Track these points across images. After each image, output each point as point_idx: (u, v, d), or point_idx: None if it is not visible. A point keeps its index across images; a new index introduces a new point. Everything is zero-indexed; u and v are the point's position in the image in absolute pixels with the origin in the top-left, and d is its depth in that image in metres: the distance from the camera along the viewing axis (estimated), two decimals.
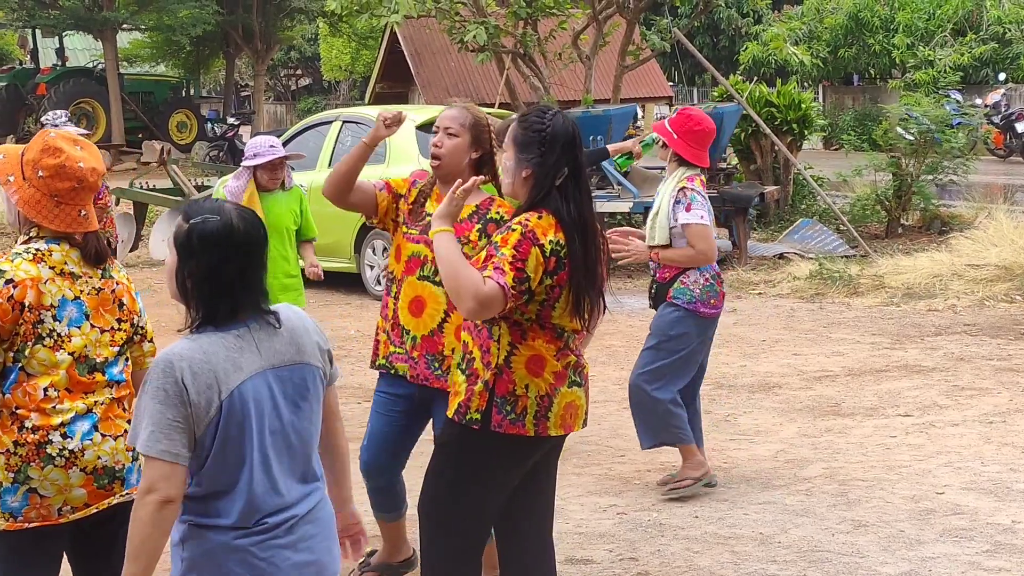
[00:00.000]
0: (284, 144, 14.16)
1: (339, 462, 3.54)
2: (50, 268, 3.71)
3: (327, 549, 3.36)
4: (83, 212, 3.77)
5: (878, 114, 23.93)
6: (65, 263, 3.74)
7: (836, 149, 26.16)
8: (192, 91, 37.01)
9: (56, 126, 9.53)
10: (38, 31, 34.83)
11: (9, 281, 3.63)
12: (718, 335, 10.89)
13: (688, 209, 6.48)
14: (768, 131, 16.11)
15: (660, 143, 6.73)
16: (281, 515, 3.23)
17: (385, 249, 12.89)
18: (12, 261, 3.68)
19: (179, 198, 15.77)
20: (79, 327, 3.74)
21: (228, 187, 7.65)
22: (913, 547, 5.94)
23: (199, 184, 17.01)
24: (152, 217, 17.39)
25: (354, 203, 5.21)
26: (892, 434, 7.87)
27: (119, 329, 3.85)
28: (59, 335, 3.70)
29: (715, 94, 18.61)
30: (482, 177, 4.62)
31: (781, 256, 14.65)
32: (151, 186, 16.83)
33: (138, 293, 3.99)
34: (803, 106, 17.19)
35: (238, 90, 42.58)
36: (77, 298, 3.75)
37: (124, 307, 3.87)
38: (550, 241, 4.08)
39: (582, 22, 17.85)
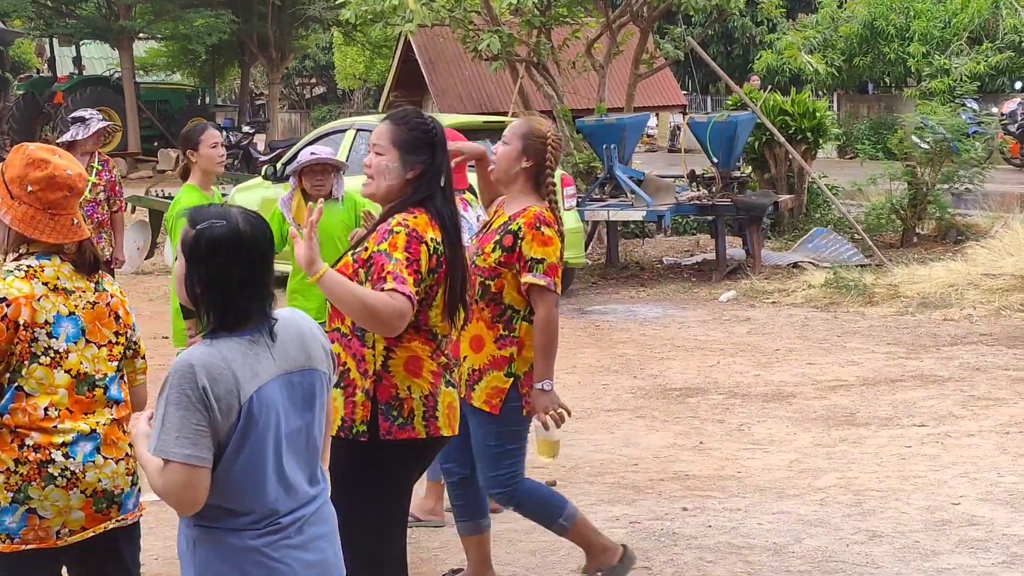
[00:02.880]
0: (298, 153, 14.21)
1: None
2: (43, 284, 3.65)
3: (333, 549, 3.40)
4: (75, 220, 3.73)
5: (893, 123, 23.87)
6: (57, 278, 3.68)
7: (851, 158, 26.10)
8: (207, 99, 37.09)
9: (86, 119, 9.56)
10: (55, 40, 34.99)
11: (2, 300, 3.58)
12: (731, 344, 10.93)
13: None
14: (782, 140, 16.08)
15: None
16: (292, 516, 3.26)
17: None
18: (4, 279, 3.62)
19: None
20: (75, 343, 3.68)
21: (280, 198, 7.47)
22: (928, 558, 5.91)
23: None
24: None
25: None
26: (907, 444, 7.83)
27: (116, 343, 3.79)
28: (56, 352, 3.64)
29: (729, 103, 18.58)
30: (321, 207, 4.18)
31: (795, 265, 14.61)
32: (167, 194, 16.86)
33: (132, 308, 3.94)
34: (818, 115, 17.15)
35: (253, 99, 42.68)
36: (72, 314, 3.68)
37: (120, 320, 3.82)
38: (431, 239, 4.11)
39: (596, 31, 17.83)
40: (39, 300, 3.63)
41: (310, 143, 14.09)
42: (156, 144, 31.77)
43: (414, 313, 4.06)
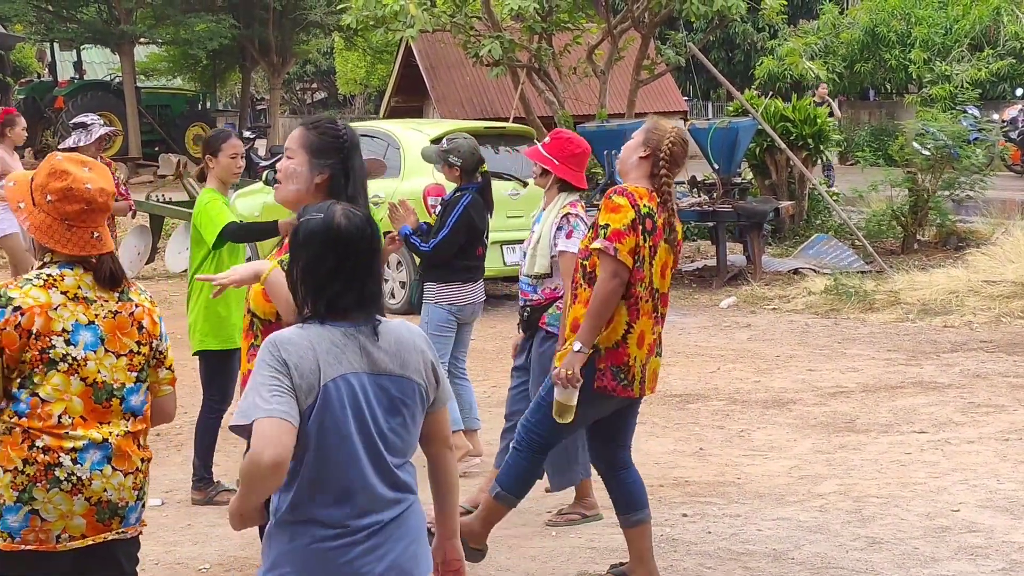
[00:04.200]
0: None
1: (447, 493, 3.51)
2: (62, 293, 3.65)
3: (412, 556, 3.34)
4: (96, 234, 3.72)
5: (894, 129, 23.87)
6: (78, 287, 3.69)
7: (852, 164, 26.11)
8: (208, 104, 37.11)
9: (88, 125, 9.56)
10: (56, 44, 35.03)
11: (16, 308, 3.59)
12: (732, 350, 10.93)
13: (569, 236, 6.31)
14: (783, 146, 16.08)
15: (536, 169, 6.55)
16: (367, 519, 3.25)
17: (399, 263, 12.89)
18: (21, 288, 3.64)
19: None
20: (94, 352, 3.68)
21: None
22: (928, 564, 5.91)
23: None
24: (168, 230, 17.43)
25: None
26: (907, 451, 7.83)
27: (138, 353, 3.78)
28: (74, 359, 3.65)
29: (730, 109, 18.59)
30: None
31: (796, 271, 14.61)
32: (167, 199, 16.86)
33: (161, 318, 3.91)
34: (818, 121, 17.16)
35: (254, 103, 42.68)
36: (92, 323, 3.69)
37: (144, 330, 3.80)
38: None
39: (597, 37, 17.87)
40: (56, 309, 3.64)
41: None
42: (157, 149, 31.80)
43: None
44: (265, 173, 14.88)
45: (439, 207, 7.63)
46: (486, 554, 5.70)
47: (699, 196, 15.24)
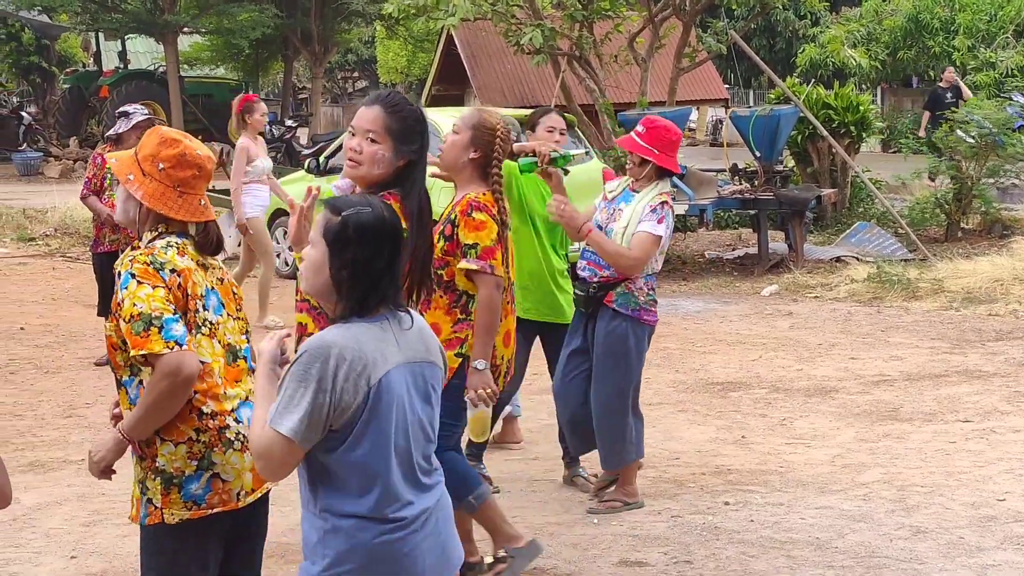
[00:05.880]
0: (340, 147, 14.25)
1: None
2: (190, 260, 3.77)
3: (452, 537, 3.43)
4: (202, 201, 3.86)
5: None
6: (197, 256, 3.82)
7: (894, 152, 25.94)
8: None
9: (130, 114, 9.69)
10: (101, 34, 35.19)
11: (173, 270, 3.68)
12: (774, 338, 10.89)
13: (659, 222, 6.30)
14: (825, 133, 16.00)
15: (634, 159, 6.47)
16: (416, 507, 3.29)
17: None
18: (165, 254, 3.71)
19: None
20: (220, 316, 3.82)
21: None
22: (973, 554, 5.88)
23: None
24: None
25: None
26: (951, 440, 7.79)
27: (239, 318, 3.93)
28: (211, 324, 3.76)
29: (771, 96, 18.50)
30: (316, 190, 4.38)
31: (838, 259, 14.54)
32: (211, 186, 16.95)
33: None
34: (861, 108, 17.06)
35: (296, 92, 42.82)
36: (213, 288, 3.82)
37: (236, 296, 3.96)
38: (403, 230, 4.11)
39: (638, 24, 17.79)
40: (195, 273, 3.75)
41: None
42: (200, 138, 31.78)
43: None
44: (307, 161, 14.93)
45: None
46: (530, 541, 5.64)
47: (741, 184, 15.19)
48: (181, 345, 3.60)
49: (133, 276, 3.64)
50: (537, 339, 7.01)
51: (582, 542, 6.15)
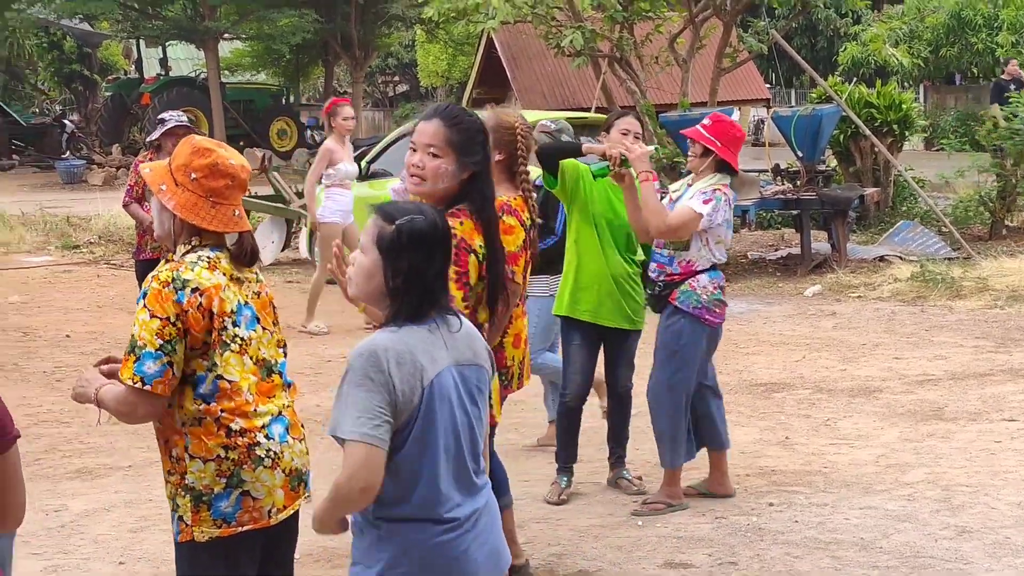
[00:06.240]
0: (381, 152, 14.31)
1: None
2: (222, 275, 3.74)
3: (501, 538, 3.45)
4: (237, 212, 3.81)
5: (981, 114, 23.52)
6: (232, 269, 3.79)
7: (937, 150, 25.76)
8: (292, 99, 37.44)
9: (165, 121, 9.77)
10: (142, 41, 35.50)
11: (195, 289, 3.65)
12: (817, 338, 10.85)
13: (705, 203, 6.33)
14: (868, 132, 15.92)
15: (696, 150, 6.49)
16: (467, 508, 3.31)
17: None
18: (192, 270, 3.69)
19: (280, 205, 15.99)
20: (254, 331, 3.78)
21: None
22: (1020, 554, 5.84)
23: (299, 191, 17.20)
24: (254, 223, 17.63)
25: None
26: (997, 439, 7.74)
27: (275, 331, 3.91)
28: (242, 340, 3.73)
29: (813, 95, 18.43)
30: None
31: (882, 259, 14.47)
32: (252, 193, 17.05)
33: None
34: (904, 107, 16.96)
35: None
36: (247, 303, 3.80)
37: (275, 309, 3.94)
38: (479, 246, 4.11)
39: (678, 25, 17.76)
40: (224, 290, 3.73)
41: (395, 140, 14.21)
42: (242, 144, 32.13)
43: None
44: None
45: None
46: (526, 562, 5.65)
47: (783, 184, 15.13)
48: (146, 384, 3.60)
49: (145, 296, 3.66)
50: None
51: (627, 544, 6.16)
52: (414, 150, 4.34)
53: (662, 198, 6.51)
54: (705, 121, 6.55)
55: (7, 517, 2.89)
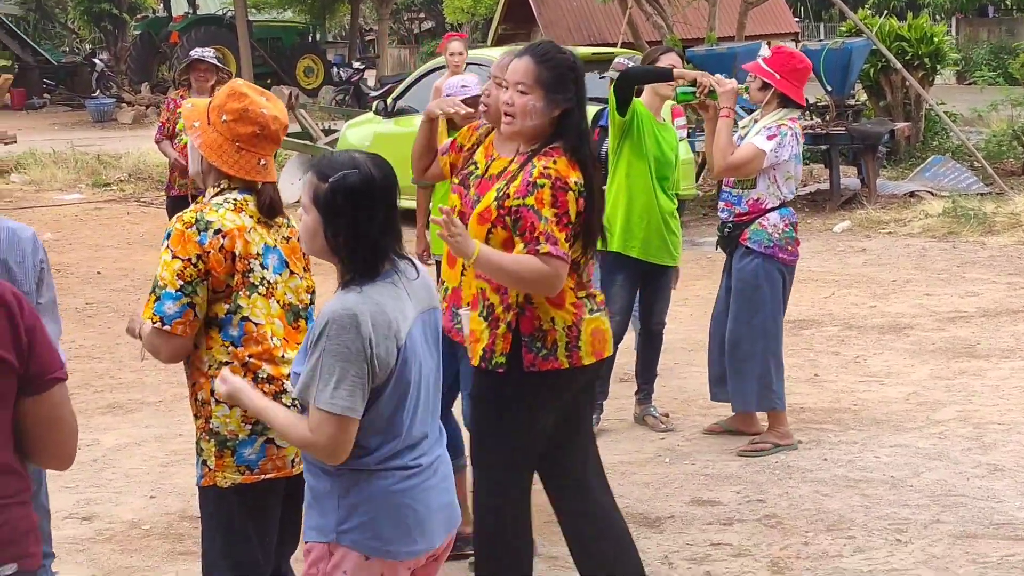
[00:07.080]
0: (407, 88, 14.25)
1: None
2: (250, 217, 3.71)
3: (454, 492, 3.42)
4: (262, 161, 3.76)
5: (1015, 46, 23.23)
6: (259, 213, 3.75)
7: (970, 84, 25.48)
8: (318, 36, 37.30)
9: (189, 57, 9.81)
10: None
11: (218, 231, 3.62)
12: (847, 275, 10.79)
13: (769, 139, 6.26)
14: (899, 66, 15.73)
15: (755, 84, 6.41)
16: (429, 456, 3.29)
17: None
18: (216, 211, 3.66)
19: (307, 142, 15.96)
20: (280, 275, 3.75)
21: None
22: None
23: (326, 128, 17.18)
24: (281, 161, 17.61)
25: (432, 176, 5.17)
26: None
27: (304, 277, 3.87)
28: (269, 283, 3.70)
29: (843, 29, 18.22)
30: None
31: (912, 194, 14.34)
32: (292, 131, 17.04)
33: None
34: (935, 40, 16.74)
35: (362, 34, 42.80)
36: (276, 246, 3.75)
37: (305, 256, 3.88)
38: (575, 183, 4.07)
39: None
40: (249, 232, 3.69)
41: (421, 77, 14.14)
42: (268, 81, 32.05)
43: None
44: (375, 103, 14.94)
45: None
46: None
47: (812, 119, 14.99)
48: (165, 324, 3.58)
49: (169, 236, 3.64)
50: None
51: (654, 481, 6.15)
52: (505, 87, 4.31)
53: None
54: (765, 52, 6.46)
55: (50, 458, 2.87)
